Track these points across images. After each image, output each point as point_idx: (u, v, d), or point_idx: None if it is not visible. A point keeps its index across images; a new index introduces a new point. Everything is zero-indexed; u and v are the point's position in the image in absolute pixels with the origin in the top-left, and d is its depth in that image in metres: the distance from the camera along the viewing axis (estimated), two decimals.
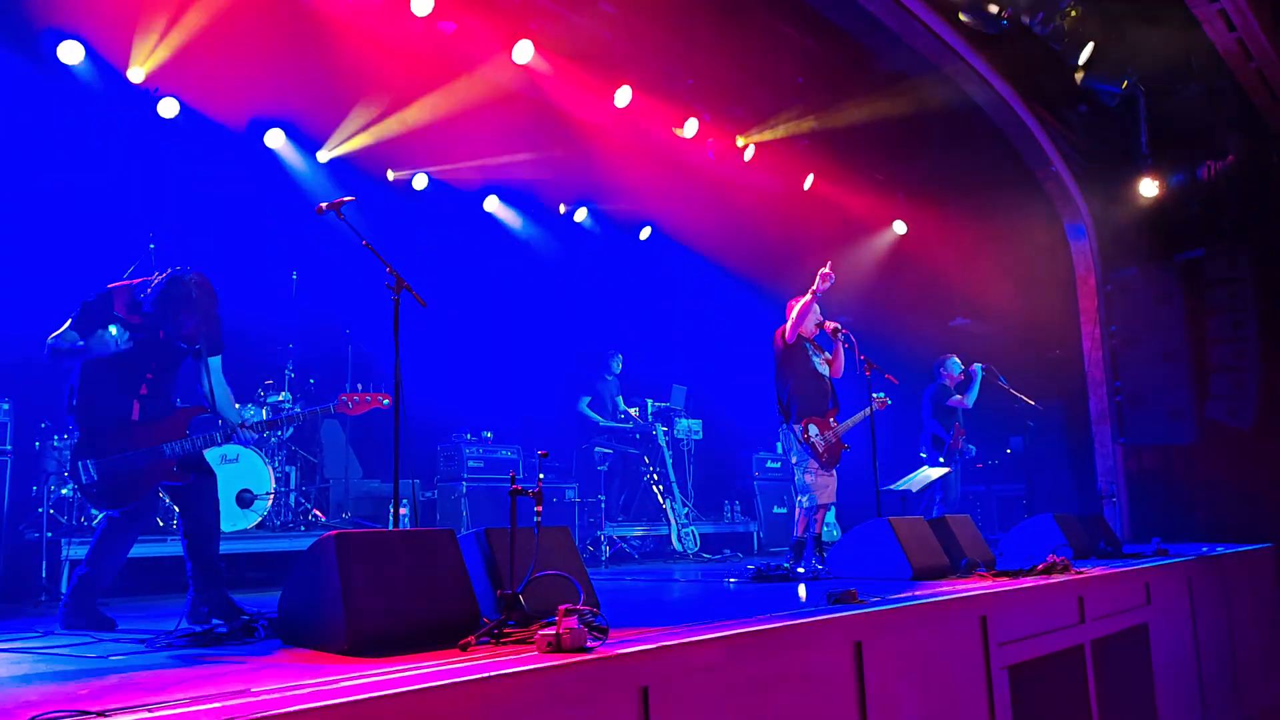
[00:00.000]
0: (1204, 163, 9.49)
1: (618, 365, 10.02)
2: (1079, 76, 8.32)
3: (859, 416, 7.12)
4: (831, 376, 6.96)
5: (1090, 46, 8.21)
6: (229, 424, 4.41)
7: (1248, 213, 9.33)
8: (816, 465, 6.70)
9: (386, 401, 4.60)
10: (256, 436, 4.37)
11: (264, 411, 7.36)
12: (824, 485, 6.73)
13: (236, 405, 4.56)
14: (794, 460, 6.81)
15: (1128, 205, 9.77)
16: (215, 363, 4.48)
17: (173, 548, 6.34)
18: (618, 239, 11.60)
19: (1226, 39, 7.94)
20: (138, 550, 6.02)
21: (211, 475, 4.39)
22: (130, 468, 4.17)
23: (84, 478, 4.14)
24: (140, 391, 4.29)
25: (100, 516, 4.33)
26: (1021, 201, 10.14)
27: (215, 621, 3.81)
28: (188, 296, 4.26)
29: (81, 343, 4.20)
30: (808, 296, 6.67)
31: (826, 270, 6.51)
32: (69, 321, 4.23)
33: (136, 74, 7.49)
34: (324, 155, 8.89)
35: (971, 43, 8.30)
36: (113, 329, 4.21)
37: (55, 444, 6.20)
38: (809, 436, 6.66)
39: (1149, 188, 9.54)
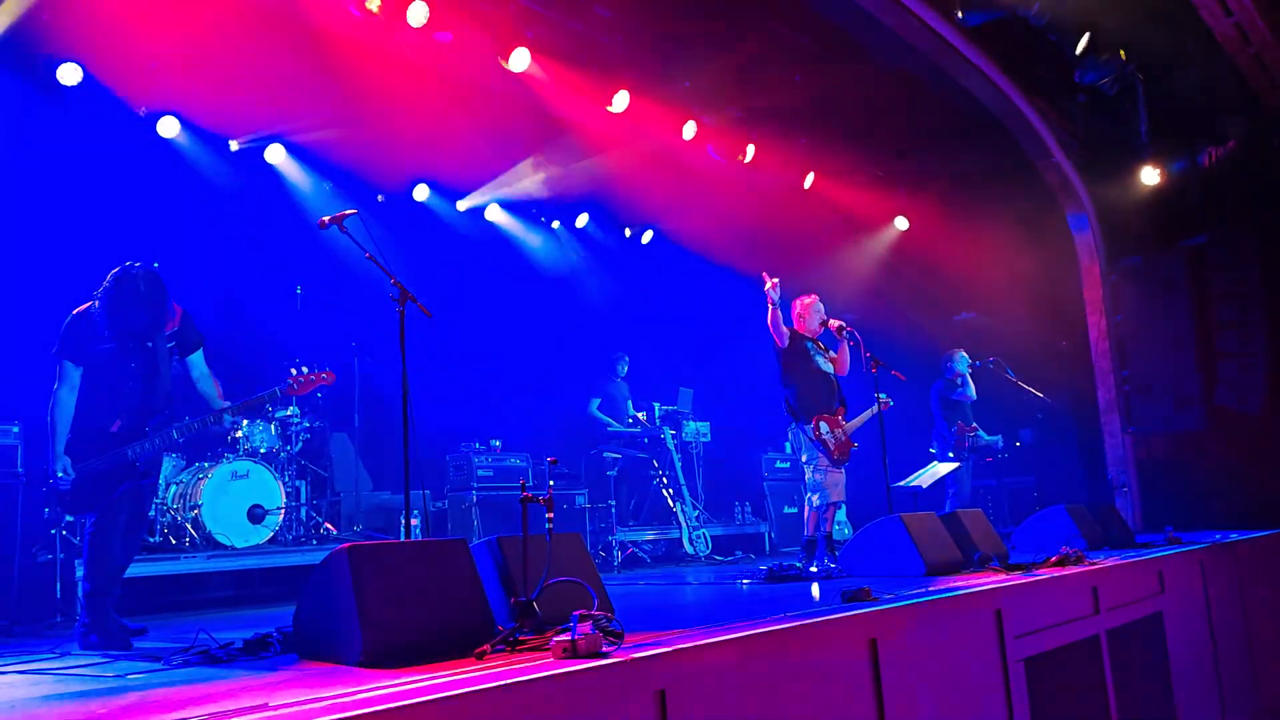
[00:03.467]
0: (1205, 149, 9.47)
1: (624, 367, 10.04)
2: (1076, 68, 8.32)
3: (864, 416, 7.12)
4: (837, 374, 6.96)
5: (1087, 36, 8.20)
6: (211, 411, 4.65)
7: (1250, 197, 9.30)
8: (827, 463, 6.69)
9: (328, 377, 4.81)
10: (231, 421, 4.52)
11: (273, 427, 7.38)
12: (834, 483, 6.73)
13: (226, 400, 4.73)
14: (804, 459, 6.81)
15: (1130, 194, 9.75)
16: (195, 358, 4.68)
17: (186, 565, 6.37)
18: (620, 243, 11.61)
19: (1224, 24, 7.93)
20: (150, 569, 6.07)
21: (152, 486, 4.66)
22: (95, 473, 4.36)
23: (59, 482, 4.31)
24: (124, 403, 4.44)
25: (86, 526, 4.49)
26: (1023, 193, 10.11)
27: (232, 639, 3.82)
28: (135, 291, 4.43)
29: (82, 366, 4.40)
30: (770, 309, 6.66)
31: (769, 287, 6.52)
32: (62, 364, 4.40)
33: (139, 96, 7.54)
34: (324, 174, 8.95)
35: (968, 36, 8.29)
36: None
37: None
38: (820, 434, 6.66)
39: (1150, 176, 9.52)
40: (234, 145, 8.48)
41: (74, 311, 4.49)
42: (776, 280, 6.54)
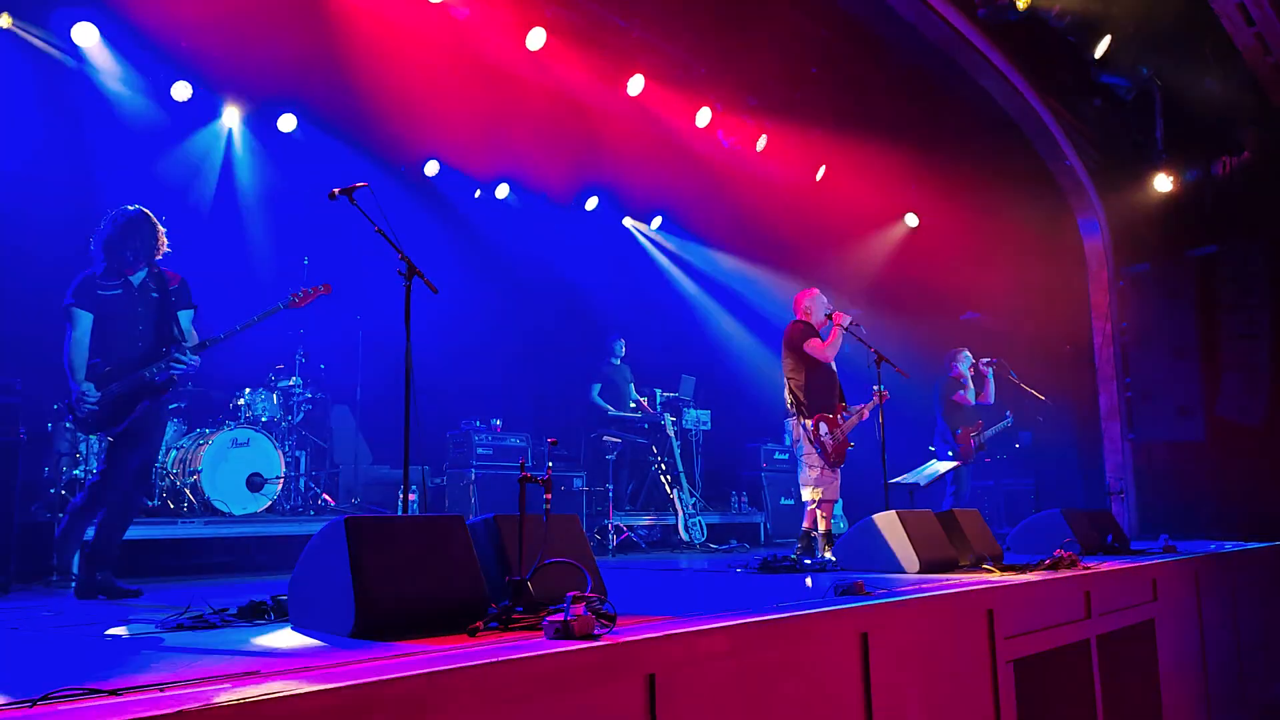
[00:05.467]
0: (1219, 158, 9.42)
1: (621, 349, 10.02)
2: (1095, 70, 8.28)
3: (854, 420, 7.09)
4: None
5: (1107, 39, 8.15)
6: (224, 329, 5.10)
7: (1263, 209, 9.26)
8: (823, 463, 6.70)
9: (324, 289, 5.43)
10: (199, 360, 4.99)
11: (274, 396, 7.40)
12: (828, 482, 6.73)
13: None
14: (800, 454, 6.81)
15: (1142, 200, 9.71)
16: (183, 315, 5.04)
17: (183, 530, 6.40)
18: (629, 228, 11.58)
19: (1245, 34, 7.88)
20: (147, 532, 6.10)
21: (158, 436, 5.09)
22: (117, 394, 4.77)
23: (83, 406, 4.70)
24: (137, 343, 4.88)
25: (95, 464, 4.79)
26: (1034, 195, 10.08)
27: (226, 605, 3.85)
28: (124, 222, 4.83)
29: (92, 313, 4.76)
30: (836, 338, 6.78)
31: (841, 316, 6.79)
32: (73, 311, 4.72)
33: (152, 59, 7.52)
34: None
35: (987, 34, 8.24)
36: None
37: (67, 425, 6.24)
38: (819, 435, 6.65)
39: (1163, 183, 9.47)
40: (245, 112, 8.46)
41: (82, 273, 4.87)
42: (849, 318, 6.80)
